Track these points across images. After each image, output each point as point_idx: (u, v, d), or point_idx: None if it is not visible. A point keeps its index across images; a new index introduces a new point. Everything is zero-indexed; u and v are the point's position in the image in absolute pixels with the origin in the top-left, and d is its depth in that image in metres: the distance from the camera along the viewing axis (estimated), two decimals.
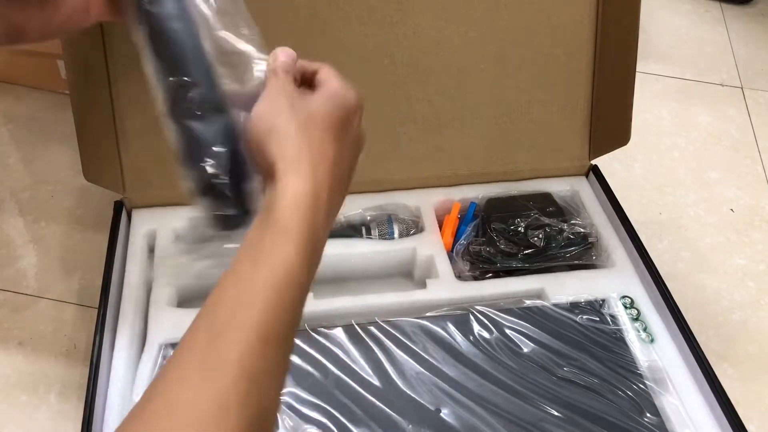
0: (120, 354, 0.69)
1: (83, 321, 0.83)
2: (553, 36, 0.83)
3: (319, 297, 0.74)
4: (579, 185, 0.89)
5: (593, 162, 0.90)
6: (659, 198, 1.05)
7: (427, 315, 0.72)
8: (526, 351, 0.70)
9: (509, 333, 0.71)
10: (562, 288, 0.76)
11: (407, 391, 0.66)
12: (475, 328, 0.71)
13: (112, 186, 0.80)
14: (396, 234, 0.81)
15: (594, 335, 0.72)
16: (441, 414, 0.64)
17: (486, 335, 0.71)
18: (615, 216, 0.84)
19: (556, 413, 0.65)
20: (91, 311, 0.83)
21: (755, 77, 1.30)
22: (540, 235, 0.80)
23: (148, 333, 0.71)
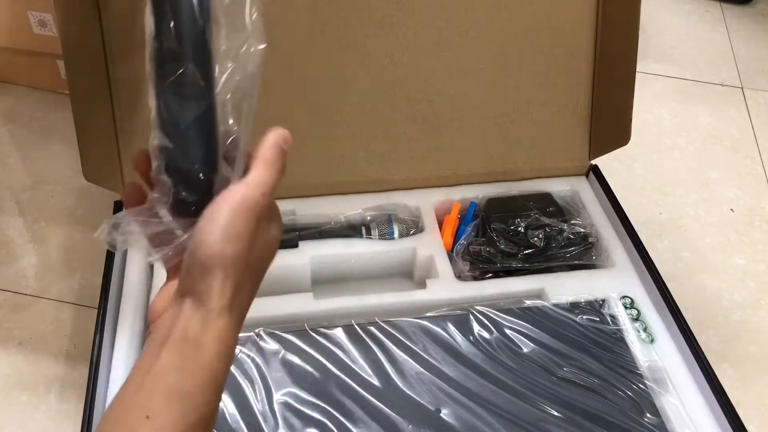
0: (120, 354, 0.69)
1: (83, 321, 0.83)
2: (553, 36, 0.83)
3: (319, 297, 0.74)
4: (579, 185, 0.89)
5: (593, 162, 0.90)
6: (659, 198, 1.05)
7: (427, 315, 0.72)
8: (526, 351, 0.70)
9: (509, 333, 0.71)
10: (562, 288, 0.76)
11: (407, 391, 0.66)
12: (475, 328, 0.71)
13: (112, 186, 0.80)
14: (396, 234, 0.81)
15: (594, 335, 0.72)
16: (441, 414, 0.64)
17: (486, 335, 0.71)
18: (615, 216, 0.84)
19: (556, 413, 0.65)
20: (91, 311, 0.83)
21: (755, 77, 1.30)
22: (540, 235, 0.80)
23: None
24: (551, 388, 0.67)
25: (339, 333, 0.69)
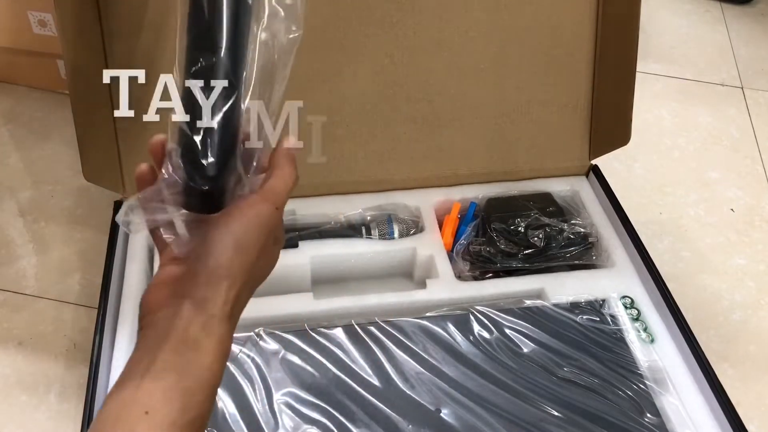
0: (120, 354, 0.69)
1: (83, 321, 0.83)
2: (553, 36, 0.83)
3: (319, 297, 0.74)
4: (579, 185, 0.89)
5: (593, 162, 0.90)
6: (659, 198, 1.05)
7: (427, 315, 0.72)
8: (526, 351, 0.70)
9: (509, 333, 0.71)
10: (562, 288, 0.76)
11: (407, 391, 0.66)
12: (475, 328, 0.71)
13: (112, 186, 0.80)
14: (396, 234, 0.81)
15: (594, 335, 0.72)
16: (441, 414, 0.64)
17: (486, 335, 0.71)
18: (615, 216, 0.84)
19: (556, 413, 0.65)
20: (91, 311, 0.83)
21: (755, 77, 1.30)
22: (540, 235, 0.80)
23: None
24: (551, 388, 0.67)
25: (339, 333, 0.69)
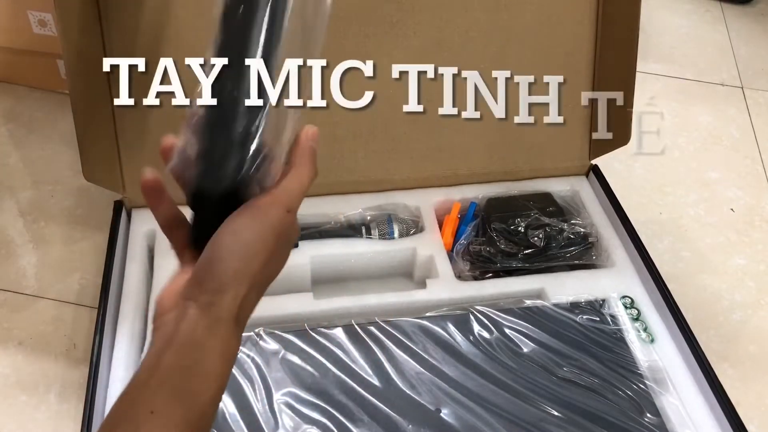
0: (120, 354, 0.69)
1: (83, 321, 0.83)
2: (553, 36, 0.83)
3: (319, 297, 0.74)
4: (579, 185, 0.89)
5: (593, 162, 0.90)
6: (659, 198, 1.05)
7: (427, 315, 0.72)
8: (526, 351, 0.70)
9: (509, 333, 0.71)
10: (562, 288, 0.76)
11: (407, 391, 0.66)
12: (475, 328, 0.71)
13: (111, 186, 0.80)
14: (396, 234, 0.81)
15: (594, 335, 0.72)
16: (441, 414, 0.64)
17: (486, 335, 0.71)
18: (615, 216, 0.84)
19: (556, 413, 0.65)
20: (91, 311, 0.83)
21: (755, 77, 1.30)
22: (540, 235, 0.80)
23: (148, 333, 0.71)
24: (551, 388, 0.67)
25: (339, 333, 0.69)
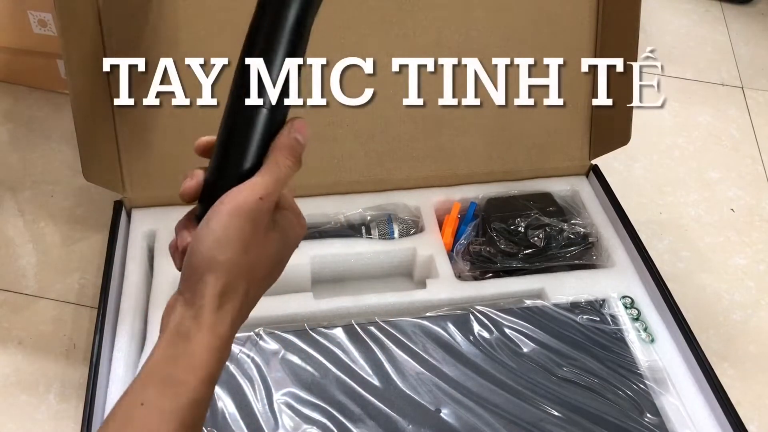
0: (120, 354, 0.69)
1: (83, 321, 0.83)
2: (553, 36, 0.83)
3: (319, 297, 0.74)
4: (579, 185, 0.89)
5: (593, 162, 0.90)
6: (659, 198, 1.05)
7: (427, 315, 0.72)
8: (526, 351, 0.70)
9: (509, 333, 0.71)
10: (562, 288, 0.76)
11: (407, 391, 0.66)
12: (475, 328, 0.71)
13: (111, 186, 0.80)
14: (396, 234, 0.81)
15: (594, 335, 0.72)
16: (441, 414, 0.64)
17: (486, 335, 0.71)
18: (615, 216, 0.84)
19: (556, 413, 0.65)
20: (91, 311, 0.83)
21: (755, 77, 1.30)
22: (540, 235, 0.80)
23: (147, 333, 0.71)
24: (551, 388, 0.67)
25: (339, 333, 0.69)
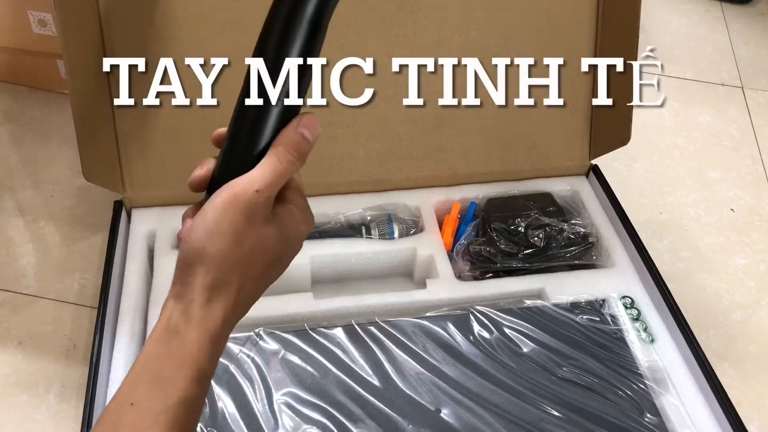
0: (120, 354, 0.69)
1: (83, 321, 0.83)
2: (553, 36, 0.83)
3: (319, 297, 0.74)
4: (579, 185, 0.89)
5: (593, 162, 0.90)
6: (659, 198, 1.05)
7: (427, 315, 0.72)
8: (526, 351, 0.70)
9: (509, 333, 0.71)
10: (562, 288, 0.76)
11: (407, 391, 0.66)
12: (475, 328, 0.71)
13: (111, 186, 0.80)
14: (396, 234, 0.81)
15: (594, 335, 0.72)
16: (441, 414, 0.64)
17: (486, 335, 0.71)
18: (615, 216, 0.84)
19: (556, 413, 0.65)
20: (91, 311, 0.83)
21: (755, 77, 1.30)
22: (540, 235, 0.80)
23: (147, 333, 0.71)
24: (551, 388, 0.67)
25: (339, 333, 0.69)
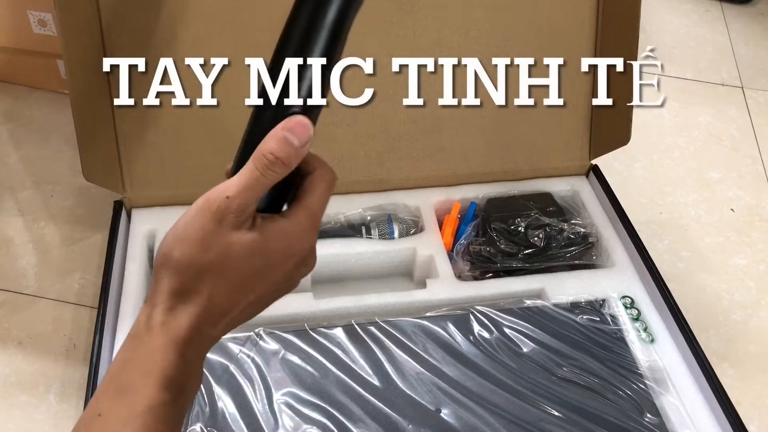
0: None
1: (83, 321, 0.83)
2: (553, 36, 0.83)
3: (319, 297, 0.74)
4: (579, 185, 0.89)
5: (593, 162, 0.90)
6: (659, 198, 1.05)
7: (427, 315, 0.72)
8: (526, 351, 0.70)
9: (509, 333, 0.71)
10: (562, 288, 0.76)
11: (407, 391, 0.66)
12: (475, 328, 0.71)
13: (111, 186, 0.80)
14: (396, 234, 0.81)
15: (594, 335, 0.72)
16: (441, 414, 0.64)
17: (486, 335, 0.71)
18: (615, 216, 0.84)
19: (556, 413, 0.65)
20: (91, 311, 0.83)
21: (755, 77, 1.30)
22: (540, 235, 0.80)
23: None
24: (551, 388, 0.67)
25: (339, 333, 0.69)
